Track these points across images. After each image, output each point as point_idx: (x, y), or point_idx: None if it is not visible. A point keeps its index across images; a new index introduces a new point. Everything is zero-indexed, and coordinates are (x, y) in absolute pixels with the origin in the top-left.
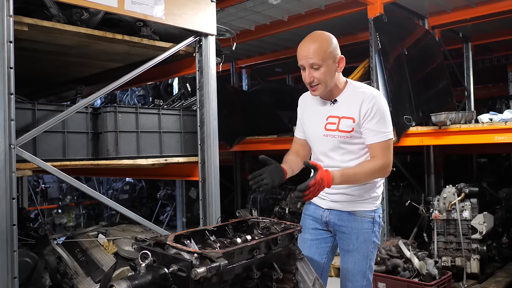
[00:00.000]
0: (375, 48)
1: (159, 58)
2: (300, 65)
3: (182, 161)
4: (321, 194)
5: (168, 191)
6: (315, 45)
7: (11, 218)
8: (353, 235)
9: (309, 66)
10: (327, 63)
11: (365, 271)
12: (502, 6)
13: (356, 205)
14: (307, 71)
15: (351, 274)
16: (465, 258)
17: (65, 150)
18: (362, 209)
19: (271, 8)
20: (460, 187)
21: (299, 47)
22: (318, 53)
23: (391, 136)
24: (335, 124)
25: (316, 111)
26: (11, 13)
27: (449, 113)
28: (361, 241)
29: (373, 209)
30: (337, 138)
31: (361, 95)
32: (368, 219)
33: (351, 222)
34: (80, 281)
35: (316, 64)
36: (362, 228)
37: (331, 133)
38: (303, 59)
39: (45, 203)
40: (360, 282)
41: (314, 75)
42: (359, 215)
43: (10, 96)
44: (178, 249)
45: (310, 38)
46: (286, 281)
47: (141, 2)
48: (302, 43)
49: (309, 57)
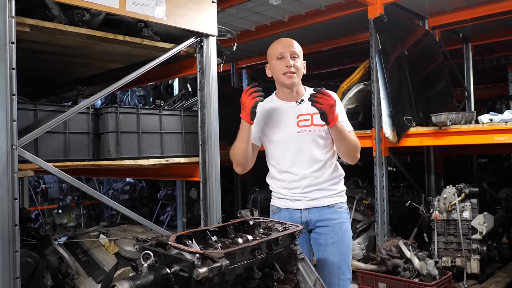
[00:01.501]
0: (376, 49)
1: (160, 59)
2: (280, 53)
3: (183, 162)
4: (297, 195)
5: (168, 192)
6: (294, 42)
7: (13, 219)
8: (336, 226)
9: (290, 54)
10: (301, 59)
11: (349, 263)
12: (502, 7)
13: (333, 199)
14: (287, 60)
15: (337, 267)
16: (465, 258)
17: (66, 150)
18: (339, 201)
19: (272, 9)
20: (460, 188)
21: (276, 43)
22: (297, 46)
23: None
24: (309, 120)
25: (283, 114)
26: (13, 14)
27: (450, 114)
28: (344, 231)
29: (345, 201)
30: (313, 132)
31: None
32: (345, 210)
33: (332, 214)
34: (82, 281)
35: (296, 53)
36: (343, 218)
37: (307, 129)
38: (285, 48)
39: (45, 203)
40: (347, 274)
41: (294, 64)
42: (337, 207)
43: (12, 97)
44: (180, 250)
45: (286, 38)
46: (287, 281)
47: (143, 3)
48: (280, 40)
49: (291, 46)
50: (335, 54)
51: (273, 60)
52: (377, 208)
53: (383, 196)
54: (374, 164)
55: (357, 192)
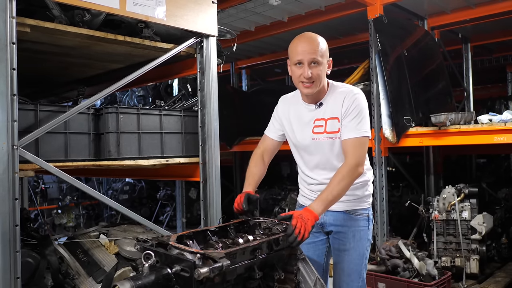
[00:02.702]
0: (375, 49)
1: (160, 59)
2: (298, 61)
3: (183, 162)
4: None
5: (168, 192)
6: (316, 42)
7: (14, 219)
8: (349, 233)
9: (309, 61)
10: (324, 61)
11: (361, 271)
12: (502, 7)
13: (351, 205)
14: (306, 67)
15: (346, 274)
16: (464, 258)
17: (67, 150)
18: (357, 207)
19: (271, 9)
20: (459, 188)
21: (297, 43)
22: (319, 50)
23: (366, 134)
24: (323, 127)
25: (302, 115)
26: (13, 14)
27: (449, 114)
28: (357, 239)
29: (367, 207)
30: (326, 140)
31: (342, 94)
32: (363, 217)
33: (347, 221)
34: (82, 281)
35: (316, 60)
36: (359, 226)
37: (320, 136)
38: (304, 54)
39: (45, 204)
40: (356, 282)
41: (312, 72)
42: (354, 214)
43: (13, 97)
44: (180, 250)
45: (309, 36)
46: (287, 281)
47: (143, 3)
48: (301, 40)
49: (311, 52)
50: (335, 54)
51: (292, 64)
52: (377, 208)
53: (382, 196)
54: (374, 164)
55: None
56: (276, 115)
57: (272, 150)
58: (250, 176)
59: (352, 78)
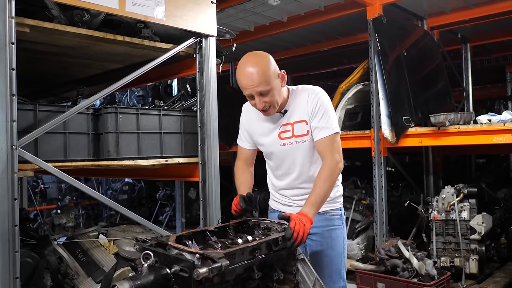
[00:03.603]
0: (374, 49)
1: (160, 59)
2: (247, 94)
3: (183, 162)
4: (288, 201)
5: (167, 192)
6: (257, 71)
7: (13, 219)
8: (325, 233)
9: (257, 93)
10: (274, 84)
11: (341, 270)
12: (501, 7)
13: (324, 206)
14: (257, 99)
15: (327, 276)
16: (463, 258)
17: (66, 151)
18: (330, 208)
19: (271, 9)
20: (459, 188)
21: (240, 76)
22: (263, 78)
23: (336, 130)
24: (290, 131)
25: (266, 123)
26: (13, 14)
27: (448, 114)
28: (334, 238)
29: (339, 207)
30: (295, 144)
31: (304, 96)
32: (337, 216)
33: (322, 221)
34: (81, 281)
35: (263, 91)
36: (334, 225)
37: (288, 141)
38: (249, 89)
39: (44, 204)
40: (338, 283)
41: (265, 100)
42: (328, 214)
43: (12, 97)
44: (180, 250)
45: (250, 64)
46: (286, 282)
47: (142, 3)
48: (243, 71)
49: (255, 85)
50: (334, 54)
51: (244, 93)
52: (376, 208)
53: (381, 196)
54: (373, 165)
55: (356, 192)
56: (241, 125)
57: (251, 158)
58: (241, 185)
59: (351, 78)
